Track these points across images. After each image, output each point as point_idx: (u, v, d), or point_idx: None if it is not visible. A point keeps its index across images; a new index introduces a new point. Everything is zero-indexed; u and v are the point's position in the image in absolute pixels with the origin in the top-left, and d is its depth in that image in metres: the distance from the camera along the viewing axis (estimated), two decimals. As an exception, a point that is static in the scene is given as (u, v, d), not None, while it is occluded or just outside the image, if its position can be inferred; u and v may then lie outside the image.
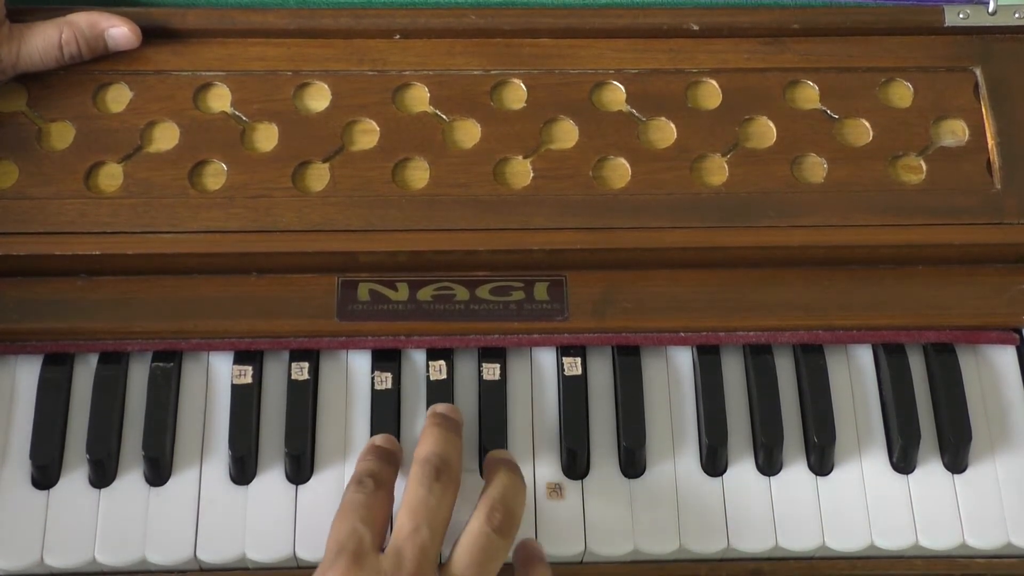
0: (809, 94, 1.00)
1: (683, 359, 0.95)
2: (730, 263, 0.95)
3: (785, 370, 0.94)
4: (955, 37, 1.01)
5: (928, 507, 0.91)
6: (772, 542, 0.89)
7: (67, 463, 0.90)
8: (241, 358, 0.93)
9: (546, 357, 0.94)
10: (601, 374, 0.94)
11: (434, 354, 0.93)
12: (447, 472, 0.83)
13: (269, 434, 0.91)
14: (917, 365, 0.95)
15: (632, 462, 0.91)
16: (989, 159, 0.98)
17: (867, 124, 0.99)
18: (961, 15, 1.01)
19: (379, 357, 0.93)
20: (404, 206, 0.94)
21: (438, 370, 0.92)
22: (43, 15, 0.98)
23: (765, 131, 0.99)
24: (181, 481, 0.90)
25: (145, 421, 0.90)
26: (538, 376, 0.94)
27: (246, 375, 0.92)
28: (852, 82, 1.00)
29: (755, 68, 1.00)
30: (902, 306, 0.95)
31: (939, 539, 0.90)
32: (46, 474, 0.89)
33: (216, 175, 0.96)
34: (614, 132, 0.98)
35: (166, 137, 0.97)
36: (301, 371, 0.92)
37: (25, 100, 0.98)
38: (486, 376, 0.92)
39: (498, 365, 0.93)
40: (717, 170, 0.97)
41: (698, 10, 1.01)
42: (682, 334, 0.94)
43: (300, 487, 0.90)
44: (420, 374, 0.93)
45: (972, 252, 0.95)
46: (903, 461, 0.92)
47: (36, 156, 0.95)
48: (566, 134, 0.98)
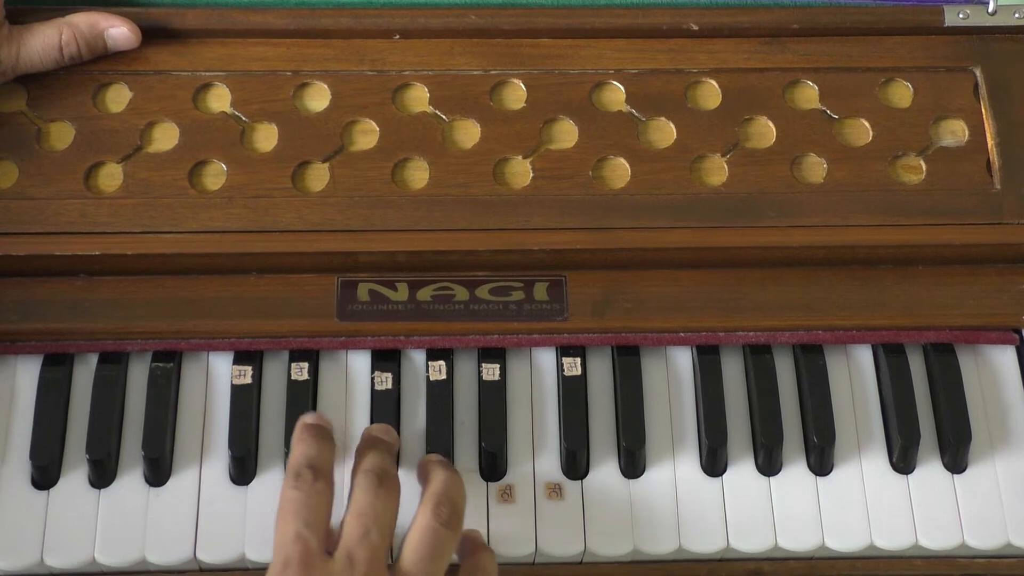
0: (809, 94, 1.00)
1: (683, 359, 0.95)
2: (730, 263, 0.95)
3: (785, 370, 0.94)
4: (955, 37, 1.01)
5: (928, 507, 0.91)
6: (772, 542, 0.89)
7: (67, 463, 0.90)
8: (241, 358, 0.93)
9: (546, 357, 0.94)
10: (601, 374, 0.94)
11: (434, 354, 0.93)
12: (389, 481, 0.83)
13: (269, 434, 0.91)
14: (917, 365, 0.95)
15: (632, 462, 0.91)
16: (989, 159, 0.98)
17: (867, 124, 0.99)
18: (961, 15, 1.01)
19: (379, 357, 0.93)
20: (404, 206, 0.94)
21: (438, 370, 0.93)
22: (43, 16, 0.98)
23: (765, 131, 0.99)
24: (181, 481, 0.90)
25: (145, 421, 0.90)
26: (538, 376, 0.94)
27: (246, 375, 0.92)
28: (852, 82, 1.00)
29: (755, 68, 1.00)
30: (902, 306, 0.95)
31: (939, 539, 0.90)
32: (46, 474, 0.89)
33: (216, 175, 0.96)
34: (614, 132, 0.98)
35: (166, 137, 0.97)
36: (301, 371, 0.92)
37: (25, 100, 0.98)
38: (486, 376, 0.92)
39: (498, 365, 0.93)
40: (717, 170, 0.97)
41: (698, 10, 1.01)
42: (682, 334, 0.94)
43: (300, 487, 0.90)
44: (420, 374, 0.93)
45: (972, 252, 0.95)
46: (903, 461, 0.92)
47: (36, 156, 0.95)
48: (566, 134, 0.98)
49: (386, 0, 1.01)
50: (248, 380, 0.92)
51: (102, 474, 0.89)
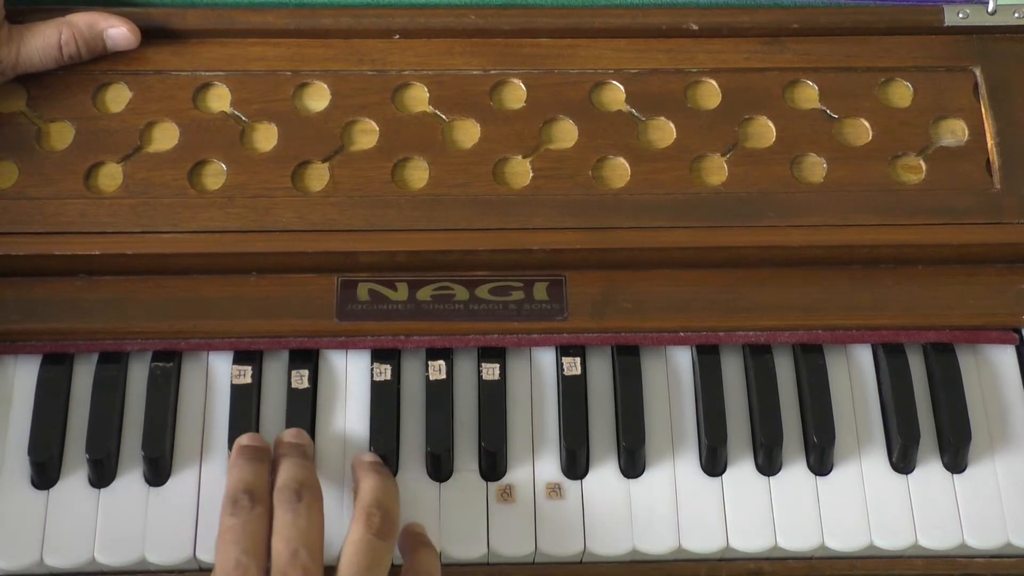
0: (809, 94, 1.00)
1: (683, 359, 0.95)
2: (730, 263, 0.95)
3: (785, 370, 0.94)
4: (955, 37, 1.01)
5: (928, 507, 0.90)
6: (771, 542, 0.89)
7: (67, 463, 0.90)
8: (241, 358, 0.93)
9: (546, 357, 0.94)
10: (601, 374, 0.94)
11: (433, 354, 0.93)
12: (308, 491, 0.83)
13: (269, 434, 0.91)
14: (917, 365, 0.95)
15: (632, 462, 0.91)
16: (989, 159, 0.98)
17: (867, 124, 0.99)
18: (961, 15, 1.01)
19: (379, 357, 0.93)
20: (404, 206, 0.94)
21: (438, 370, 0.92)
22: (42, 15, 0.98)
23: (765, 131, 0.99)
24: (181, 481, 0.90)
25: (145, 421, 0.90)
26: (538, 376, 0.94)
27: (246, 375, 0.92)
28: (852, 82, 1.00)
29: (755, 68, 1.00)
30: (902, 306, 0.95)
31: (939, 539, 0.90)
32: (46, 474, 0.89)
33: (216, 175, 0.96)
34: (614, 132, 0.98)
35: (166, 137, 0.97)
36: (301, 373, 0.92)
37: (25, 100, 0.98)
38: (485, 376, 0.92)
39: (498, 365, 0.93)
40: (717, 170, 0.97)
41: (698, 10, 1.01)
42: (682, 334, 0.94)
43: (300, 487, 0.90)
44: (420, 374, 0.93)
45: (972, 252, 0.95)
46: (903, 461, 0.91)
47: (36, 156, 0.95)
48: (566, 134, 0.98)
49: (386, 0, 1.01)
50: (248, 380, 0.92)
51: (102, 474, 0.89)
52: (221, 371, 0.93)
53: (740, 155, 0.97)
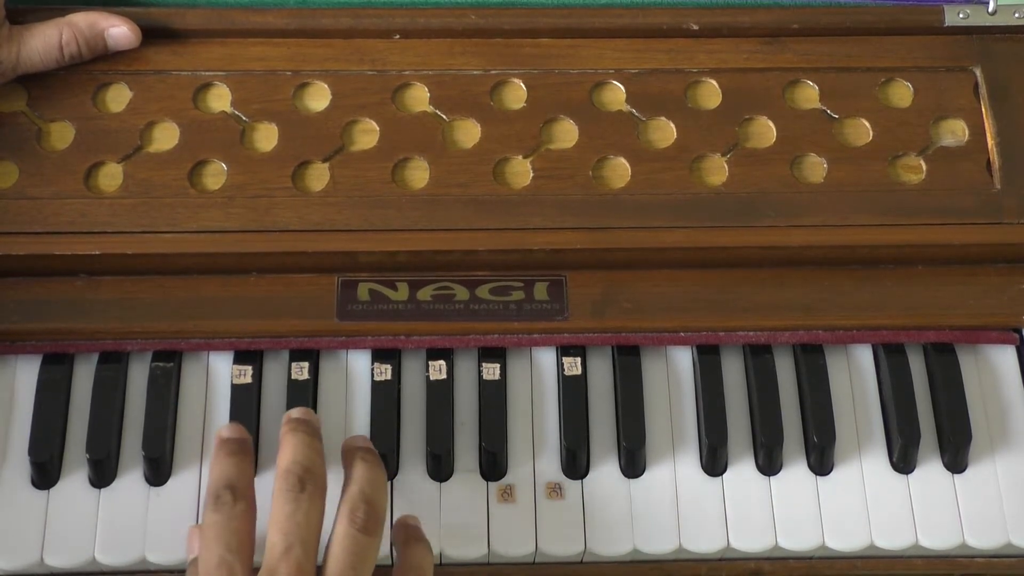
0: (809, 94, 1.00)
1: (683, 359, 0.95)
2: (730, 263, 0.95)
3: (785, 370, 0.94)
4: (955, 37, 1.01)
5: (928, 507, 0.91)
6: (772, 542, 0.89)
7: (67, 463, 0.90)
8: (241, 358, 0.93)
9: (546, 357, 0.94)
10: (601, 374, 0.94)
11: (434, 354, 0.93)
12: (311, 480, 0.82)
13: (269, 434, 0.91)
14: (917, 365, 0.95)
15: (632, 462, 0.91)
16: (989, 159, 0.98)
17: (867, 124, 0.99)
18: (961, 15, 1.01)
19: (379, 357, 0.93)
20: (404, 206, 0.94)
21: (438, 370, 0.92)
22: (43, 16, 0.98)
23: (765, 131, 0.99)
24: (181, 481, 0.90)
25: (145, 421, 0.90)
26: (538, 376, 0.94)
27: (246, 375, 0.92)
28: (852, 82, 1.00)
29: (755, 68, 1.00)
30: (902, 306, 0.95)
31: (939, 539, 0.90)
32: (46, 474, 0.89)
33: (216, 175, 0.96)
34: (614, 132, 0.98)
35: (166, 137, 0.97)
36: (301, 371, 0.92)
37: (25, 100, 0.98)
38: (486, 376, 0.92)
39: (498, 365, 0.93)
40: (717, 170, 0.97)
41: (698, 10, 1.01)
42: (682, 334, 0.94)
43: (300, 487, 0.90)
44: (420, 374, 0.93)
45: (972, 252, 0.95)
46: (903, 461, 0.92)
47: (36, 156, 0.95)
48: (566, 134, 0.98)
49: (386, 0, 1.01)
50: (248, 380, 0.92)
51: (102, 474, 0.89)
52: (221, 371, 0.93)
53: (740, 155, 0.97)
